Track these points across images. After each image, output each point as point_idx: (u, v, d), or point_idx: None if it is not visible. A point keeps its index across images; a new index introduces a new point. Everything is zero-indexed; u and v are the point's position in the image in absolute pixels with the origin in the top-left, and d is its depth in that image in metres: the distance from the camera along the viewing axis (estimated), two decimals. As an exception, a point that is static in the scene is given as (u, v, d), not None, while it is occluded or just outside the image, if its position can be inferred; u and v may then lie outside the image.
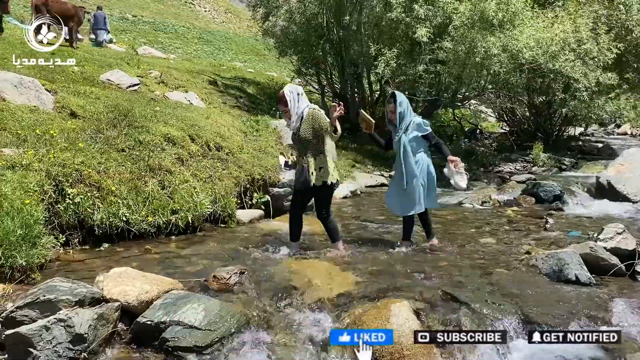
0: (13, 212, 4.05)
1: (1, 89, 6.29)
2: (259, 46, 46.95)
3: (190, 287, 3.91)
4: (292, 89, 4.89)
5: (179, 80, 12.55)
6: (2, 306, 3.32)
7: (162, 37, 41.54)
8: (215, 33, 49.07)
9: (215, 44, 45.07)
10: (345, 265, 4.77)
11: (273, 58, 41.63)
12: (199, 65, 17.78)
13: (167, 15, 49.40)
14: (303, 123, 4.84)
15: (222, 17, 59.20)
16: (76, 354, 3.04)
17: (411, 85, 12.79)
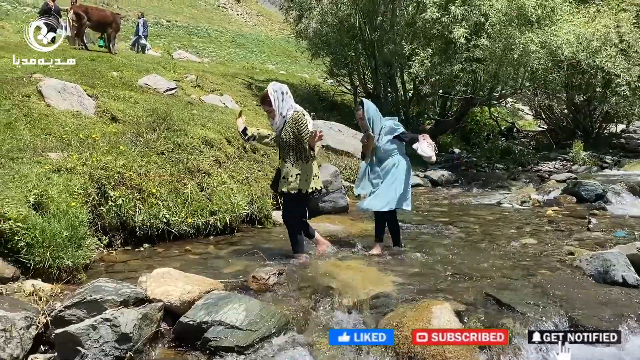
0: (59, 214, 4.17)
1: (46, 95, 6.50)
2: (291, 48, 47.21)
3: (230, 288, 3.95)
4: (276, 87, 4.65)
5: (214, 83, 12.72)
6: (51, 305, 3.42)
7: (195, 41, 42.21)
8: (248, 36, 49.57)
9: (247, 47, 45.52)
10: (383, 267, 4.75)
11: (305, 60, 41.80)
12: (233, 69, 17.97)
13: (200, 19, 50.17)
14: (286, 125, 4.62)
15: (254, 20, 59.76)
16: (122, 353, 3.11)
17: (446, 84, 12.64)
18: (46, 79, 7.10)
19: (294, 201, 4.72)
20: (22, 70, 8.31)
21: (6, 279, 3.75)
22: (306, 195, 4.70)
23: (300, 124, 4.54)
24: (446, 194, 9.90)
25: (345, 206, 7.51)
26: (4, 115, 5.65)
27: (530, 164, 13.78)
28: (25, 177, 4.40)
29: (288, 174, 4.60)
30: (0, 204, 3.84)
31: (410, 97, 16.64)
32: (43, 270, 3.89)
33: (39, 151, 5.14)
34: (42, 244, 3.87)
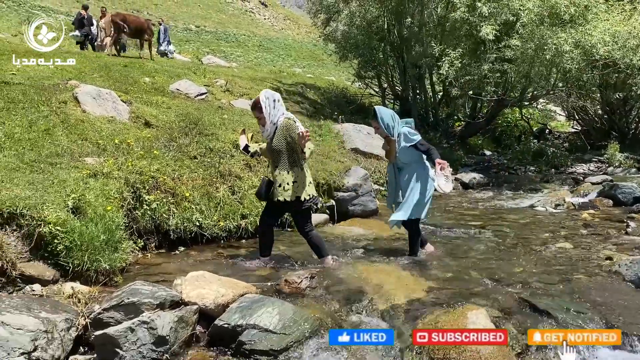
0: (96, 218, 4.26)
1: (82, 101, 6.66)
2: (318, 51, 47.40)
3: (263, 291, 3.97)
4: (268, 94, 4.56)
5: (243, 88, 12.83)
6: (90, 308, 3.50)
7: (223, 45, 42.76)
8: (275, 40, 49.96)
9: (275, 51, 45.87)
10: (416, 271, 4.70)
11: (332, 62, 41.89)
12: (261, 73, 18.11)
13: (228, 24, 50.81)
14: (277, 132, 4.53)
15: (281, 24, 60.20)
16: (159, 355, 3.16)
17: (477, 85, 12.47)
18: (82, 85, 7.28)
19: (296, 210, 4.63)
20: (57, 77, 8.53)
21: (46, 281, 3.85)
22: (304, 202, 4.58)
23: (292, 130, 4.45)
24: (478, 197, 9.77)
25: (375, 209, 7.48)
26: (43, 121, 5.82)
27: (563, 166, 13.48)
28: (63, 182, 4.51)
29: (284, 182, 4.52)
30: (41, 208, 3.95)
31: (440, 99, 16.50)
32: (81, 273, 3.97)
33: (76, 156, 5.27)
34: (80, 247, 3.96)
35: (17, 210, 3.82)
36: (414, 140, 4.83)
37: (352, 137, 9.74)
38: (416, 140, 4.83)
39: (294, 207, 4.60)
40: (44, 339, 3.04)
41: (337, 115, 12.30)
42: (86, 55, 12.44)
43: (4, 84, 7.24)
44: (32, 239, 3.88)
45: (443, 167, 4.67)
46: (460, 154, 14.50)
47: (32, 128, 5.56)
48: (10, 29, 21.79)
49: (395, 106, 17.19)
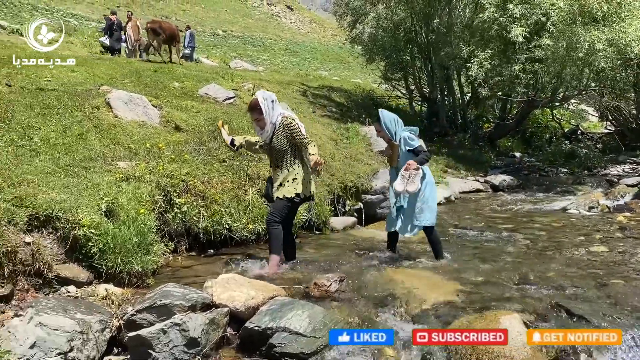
0: (129, 221, 4.33)
1: (114, 106, 6.80)
2: (344, 54, 47.45)
3: (292, 294, 3.97)
4: (266, 95, 4.55)
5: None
6: (123, 309, 3.55)
7: (250, 50, 43.19)
8: (301, 44, 50.22)
9: (301, 54, 46.11)
10: (446, 275, 4.65)
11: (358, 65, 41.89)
12: (287, 76, 18.21)
13: (254, 29, 51.27)
14: (276, 132, 4.51)
15: (307, 28, 60.45)
16: (191, 357, 3.18)
17: (506, 86, 12.31)
18: (114, 90, 7.42)
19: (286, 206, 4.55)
20: (90, 83, 8.73)
21: (81, 283, 3.93)
22: (302, 200, 4.59)
23: (293, 128, 4.46)
24: (508, 200, 9.60)
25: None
26: (77, 126, 5.95)
27: (596, 167, 13.18)
28: (97, 186, 4.60)
29: (285, 179, 4.51)
30: (75, 211, 4.03)
31: (468, 100, 16.33)
32: (114, 275, 4.04)
33: (109, 160, 5.37)
34: (113, 250, 4.03)
35: (53, 214, 3.91)
36: (413, 145, 4.79)
37: (379, 140, 9.67)
38: (415, 146, 4.79)
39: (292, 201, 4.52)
40: (80, 339, 3.10)
41: (364, 118, 12.27)
42: (117, 61, 12.70)
43: (39, 90, 7.44)
44: (67, 242, 3.96)
45: (407, 168, 4.64)
46: (489, 156, 14.32)
47: (67, 133, 5.69)
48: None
49: (422, 108, 17.07)
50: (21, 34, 20.90)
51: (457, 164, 12.24)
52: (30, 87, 7.50)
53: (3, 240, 3.49)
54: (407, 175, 4.66)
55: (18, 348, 2.92)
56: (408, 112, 16.86)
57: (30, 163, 4.65)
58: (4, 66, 8.66)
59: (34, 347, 2.94)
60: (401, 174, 4.67)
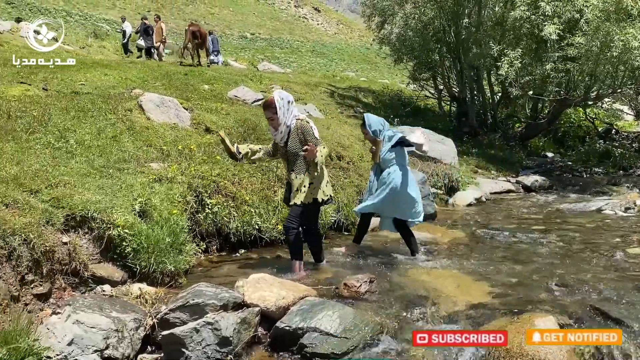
0: (162, 221, 4.40)
1: (146, 108, 6.92)
2: (371, 55, 47.33)
3: (322, 294, 3.96)
4: (282, 95, 4.41)
5: (298, 93, 12.98)
6: (156, 308, 3.61)
7: (277, 52, 43.44)
8: (328, 45, 50.27)
9: (328, 55, 46.16)
10: (478, 276, 4.59)
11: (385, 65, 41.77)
12: (315, 78, 18.26)
13: (282, 31, 51.56)
14: (291, 135, 4.39)
15: (334, 29, 60.48)
16: (223, 356, 3.21)
17: (538, 85, 12.08)
18: (146, 93, 7.56)
19: (309, 211, 4.49)
20: (122, 86, 8.92)
21: (115, 282, 4.01)
22: (320, 204, 4.51)
23: (306, 130, 4.34)
24: (540, 200, 9.42)
25: (433, 213, 7.35)
26: (110, 129, 6.09)
27: (632, 167, 12.82)
28: (131, 187, 4.70)
29: (301, 185, 4.40)
30: (110, 211, 4.12)
31: (499, 100, 16.09)
32: (148, 274, 4.11)
33: (142, 162, 5.47)
34: (147, 250, 4.10)
35: (89, 214, 4.00)
36: (395, 138, 5.10)
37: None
38: (398, 137, 5.10)
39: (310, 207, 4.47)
40: (115, 337, 3.16)
41: (392, 119, 12.20)
42: (148, 65, 12.95)
43: (74, 93, 7.65)
44: (102, 242, 4.05)
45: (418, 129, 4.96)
46: (520, 156, 14.08)
47: (101, 135, 5.83)
48: (78, 42, 22.99)
49: (452, 108, 16.88)
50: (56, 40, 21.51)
51: (488, 164, 12.07)
52: (65, 91, 7.72)
53: (42, 240, 3.59)
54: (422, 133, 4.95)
55: (56, 345, 3.00)
56: (437, 112, 16.70)
57: (66, 165, 4.78)
58: (40, 71, 8.93)
59: (71, 344, 3.02)
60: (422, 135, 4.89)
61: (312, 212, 4.55)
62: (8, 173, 4.15)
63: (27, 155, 4.72)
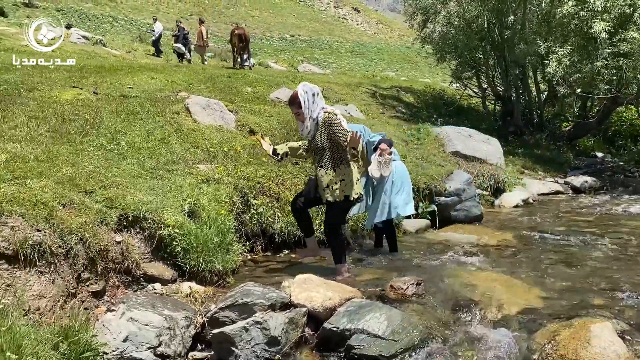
0: (210, 221, 4.48)
1: (193, 111, 7.06)
2: (411, 54, 46.85)
3: (368, 296, 3.95)
4: (306, 88, 4.22)
5: (338, 94, 12.98)
6: (206, 307, 3.67)
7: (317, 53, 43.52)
8: (367, 45, 50.05)
9: (367, 55, 45.94)
10: (527, 280, 4.48)
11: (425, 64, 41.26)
12: (355, 78, 18.22)
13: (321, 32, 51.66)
14: (319, 129, 4.25)
15: (374, 29, 60.19)
16: (271, 355, 3.24)
17: (587, 83, 11.67)
18: (192, 96, 7.72)
19: (339, 209, 4.39)
20: (168, 89, 9.13)
21: (166, 280, 4.10)
22: (351, 202, 4.39)
23: (334, 124, 4.15)
24: (591, 202, 9.09)
25: (479, 215, 7.21)
26: (159, 131, 6.24)
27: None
28: (180, 188, 4.80)
29: (332, 182, 4.27)
30: (161, 212, 4.22)
31: (545, 98, 15.65)
32: (197, 274, 4.18)
33: (190, 163, 5.58)
34: (196, 249, 4.18)
35: (140, 214, 4.11)
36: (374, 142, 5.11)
37: (452, 140, 9.49)
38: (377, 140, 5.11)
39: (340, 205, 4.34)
40: (167, 335, 3.23)
41: (435, 118, 12.04)
42: (192, 68, 13.23)
43: (123, 97, 7.87)
44: (153, 241, 4.15)
45: (382, 153, 4.92)
46: (568, 156, 13.66)
47: (150, 137, 5.97)
48: (124, 46, 23.68)
49: (496, 107, 16.54)
50: (104, 44, 22.27)
51: (534, 164, 11.75)
52: (114, 94, 7.95)
53: (97, 239, 3.71)
54: (383, 160, 4.93)
55: (112, 341, 3.09)
56: (481, 112, 16.38)
57: (118, 166, 4.92)
58: (91, 75, 9.24)
59: (126, 340, 3.11)
60: (377, 160, 4.93)
61: (342, 209, 4.43)
62: (64, 174, 4.30)
63: (81, 157, 4.88)
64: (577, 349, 3.07)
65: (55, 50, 16.29)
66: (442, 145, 9.54)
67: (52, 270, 3.39)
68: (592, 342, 3.10)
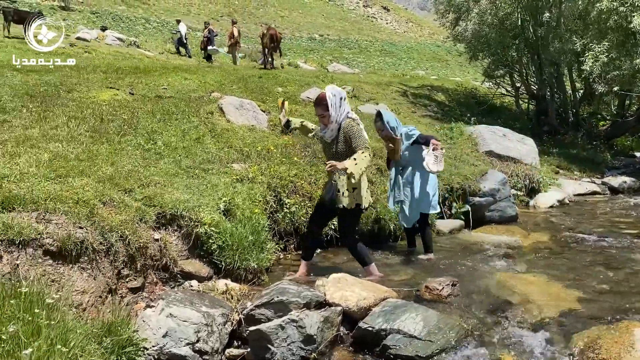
0: (244, 220, 4.53)
1: (226, 111, 7.15)
2: (441, 52, 46.37)
3: (403, 296, 3.93)
4: (335, 91, 4.17)
5: (369, 93, 12.94)
6: (242, 304, 3.71)
7: (346, 52, 43.43)
8: (397, 44, 49.71)
9: (397, 54, 45.64)
10: (566, 281, 4.39)
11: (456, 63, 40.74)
12: (385, 77, 18.12)
13: (350, 31, 51.52)
14: (340, 134, 4.18)
15: (404, 27, 59.74)
16: (307, 354, 3.25)
17: (626, 81, 11.35)
18: (225, 97, 7.82)
19: (352, 216, 4.34)
20: (202, 90, 9.25)
21: (202, 278, 4.17)
22: (362, 211, 4.35)
23: (354, 133, 4.09)
24: (630, 203, 8.84)
25: (514, 215, 7.10)
26: (194, 131, 6.34)
27: None
28: (215, 186, 4.87)
29: (344, 188, 4.21)
30: (197, 210, 4.29)
31: (581, 97, 15.29)
32: (232, 271, 4.24)
33: (224, 162, 5.65)
34: (231, 247, 4.24)
35: (178, 212, 4.19)
36: (414, 136, 5.18)
37: (486, 139, 9.35)
38: (416, 135, 5.19)
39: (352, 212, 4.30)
40: (205, 331, 3.28)
41: (468, 117, 11.89)
42: (224, 69, 13.37)
43: (158, 97, 8.02)
44: (190, 239, 4.23)
45: (436, 147, 4.97)
46: (605, 156, 13.31)
47: (185, 137, 6.08)
48: (157, 48, 24.08)
49: (530, 106, 16.24)
50: (138, 46, 22.71)
51: (570, 164, 11.49)
52: (150, 95, 8.10)
53: (136, 237, 3.79)
54: (440, 154, 4.98)
55: (152, 337, 3.15)
56: (514, 111, 16.10)
57: (156, 165, 5.02)
58: (127, 76, 9.43)
59: (165, 336, 3.17)
60: (434, 154, 4.96)
61: (354, 217, 4.37)
62: (104, 173, 4.41)
63: (120, 157, 5.00)
64: (620, 353, 2.99)
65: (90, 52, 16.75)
66: (476, 145, 9.41)
67: (94, 266, 3.48)
68: (636, 346, 3.02)
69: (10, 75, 8.25)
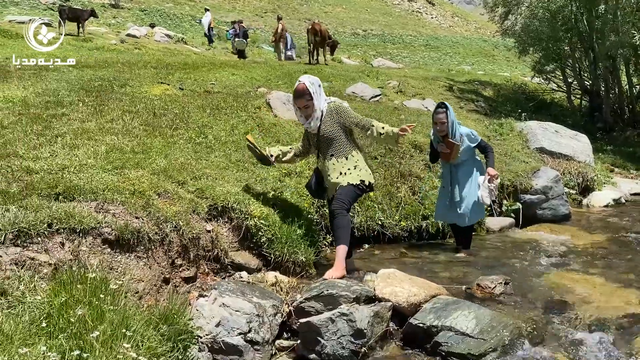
0: (293, 213, 4.56)
1: (273, 106, 7.21)
2: (488, 47, 45.34)
3: (454, 294, 3.87)
4: (312, 80, 4.17)
5: (415, 88, 12.76)
6: (292, 296, 3.74)
7: (390, 47, 43.11)
8: (442, 38, 48.94)
9: (441, 49, 44.94)
10: (625, 283, 4.25)
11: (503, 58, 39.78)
12: (431, 72, 17.84)
13: (394, 26, 51.05)
14: (324, 120, 4.17)
15: (449, 22, 58.75)
16: (357, 348, 3.25)
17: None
18: (273, 92, 7.87)
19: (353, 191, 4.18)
20: (248, 85, 9.35)
21: (252, 269, 4.23)
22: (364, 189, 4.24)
23: (343, 111, 4.19)
24: (692, 203, 8.42)
25: (567, 214, 6.87)
26: (242, 125, 6.42)
27: None
28: (264, 180, 4.93)
29: (344, 167, 4.18)
30: (247, 203, 4.35)
31: (638, 93, 14.63)
32: (281, 264, 4.27)
33: (273, 157, 5.70)
34: (280, 240, 4.27)
35: (229, 204, 4.26)
36: (477, 140, 5.08)
37: (537, 136, 9.08)
38: (479, 140, 5.11)
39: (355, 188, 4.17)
40: (257, 322, 3.33)
41: (519, 113, 11.57)
42: (270, 64, 13.49)
43: (207, 92, 8.15)
44: (240, 231, 4.30)
45: (492, 179, 4.96)
46: (663, 155, 12.69)
47: (234, 131, 6.16)
48: (203, 44, 24.54)
49: (582, 102, 15.67)
50: (185, 42, 23.21)
51: (626, 162, 11.02)
52: (199, 90, 8.25)
53: (189, 228, 3.88)
54: (494, 186, 5.00)
55: (205, 325, 3.21)
56: (565, 107, 15.57)
57: (207, 159, 5.11)
58: (176, 71, 9.63)
59: (218, 325, 3.22)
60: (488, 187, 4.97)
61: (355, 193, 4.23)
62: (158, 165, 4.52)
63: (173, 150, 5.12)
64: (688, 359, 2.86)
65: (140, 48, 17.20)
66: (526, 141, 9.15)
67: (149, 255, 3.59)
68: None
69: (66, 70, 8.59)
